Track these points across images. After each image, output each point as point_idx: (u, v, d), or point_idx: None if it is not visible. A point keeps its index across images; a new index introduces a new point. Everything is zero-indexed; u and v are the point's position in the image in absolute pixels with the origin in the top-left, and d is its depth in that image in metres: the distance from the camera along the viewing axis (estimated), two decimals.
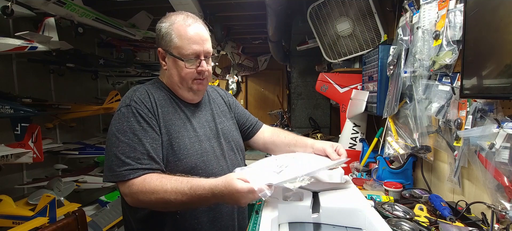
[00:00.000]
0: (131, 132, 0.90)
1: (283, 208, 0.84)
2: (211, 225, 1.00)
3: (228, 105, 1.22)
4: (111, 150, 0.90)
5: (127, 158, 0.88)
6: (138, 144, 0.89)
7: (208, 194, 0.81)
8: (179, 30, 0.96)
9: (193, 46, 0.96)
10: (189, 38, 0.95)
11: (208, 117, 1.09)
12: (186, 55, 0.96)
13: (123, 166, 0.87)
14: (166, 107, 0.99)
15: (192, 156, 0.97)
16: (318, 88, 2.62)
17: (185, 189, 0.83)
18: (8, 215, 2.40)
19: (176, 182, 0.85)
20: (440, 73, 1.28)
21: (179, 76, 0.99)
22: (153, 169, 0.90)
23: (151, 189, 0.85)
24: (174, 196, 0.83)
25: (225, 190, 0.78)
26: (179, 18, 0.98)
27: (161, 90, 1.02)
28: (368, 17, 2.25)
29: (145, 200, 0.85)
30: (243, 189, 0.75)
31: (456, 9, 1.19)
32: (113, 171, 0.88)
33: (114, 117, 0.94)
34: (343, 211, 0.83)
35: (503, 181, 0.93)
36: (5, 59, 2.87)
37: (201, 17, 2.85)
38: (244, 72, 6.39)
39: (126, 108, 0.93)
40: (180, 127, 0.99)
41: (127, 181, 0.87)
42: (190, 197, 0.82)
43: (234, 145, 1.13)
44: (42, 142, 2.57)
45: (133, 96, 0.96)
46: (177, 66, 0.98)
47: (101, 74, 4.18)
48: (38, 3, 2.27)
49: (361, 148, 2.20)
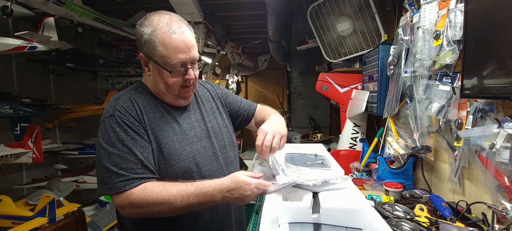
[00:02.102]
0: (119, 142, 0.86)
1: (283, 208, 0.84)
2: (208, 226, 1.00)
3: (217, 99, 1.17)
4: (101, 163, 0.86)
5: (120, 169, 0.84)
6: (129, 154, 0.86)
7: (214, 191, 0.81)
8: (164, 38, 0.88)
9: (179, 56, 0.89)
10: (175, 48, 0.88)
11: (197, 117, 1.05)
12: (172, 66, 0.89)
13: (117, 177, 0.84)
14: (152, 113, 0.94)
15: (184, 160, 0.94)
16: (318, 88, 2.62)
17: (191, 190, 0.82)
18: (8, 215, 2.40)
19: (180, 185, 0.84)
20: (440, 73, 1.28)
21: (165, 84, 0.93)
22: (149, 177, 0.87)
23: (154, 195, 0.83)
24: (180, 198, 0.82)
25: (232, 184, 0.80)
26: (162, 23, 0.89)
27: (145, 95, 0.97)
28: (368, 17, 2.25)
29: (147, 208, 0.83)
30: (252, 182, 0.79)
31: (457, 9, 1.19)
32: (106, 184, 0.85)
33: (100, 128, 0.90)
34: (343, 211, 0.83)
35: (504, 181, 0.93)
36: (4, 59, 2.87)
37: (201, 17, 2.85)
38: (244, 72, 6.39)
39: (110, 118, 0.89)
40: (168, 132, 0.94)
41: (123, 193, 0.84)
42: (197, 197, 0.82)
43: (226, 141, 1.10)
44: (41, 142, 2.57)
45: (116, 106, 0.90)
46: (163, 74, 0.92)
47: (100, 74, 4.18)
48: (38, 3, 2.27)
49: (361, 148, 2.20)
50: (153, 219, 0.94)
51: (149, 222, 0.95)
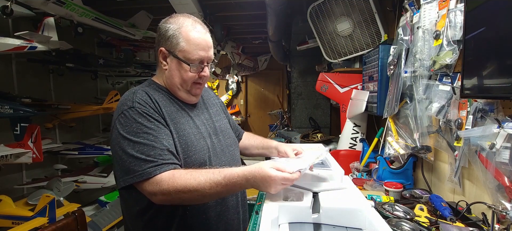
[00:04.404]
0: (143, 132, 0.88)
1: (283, 208, 0.84)
2: (218, 219, 1.02)
3: (220, 106, 1.26)
4: (126, 152, 0.87)
5: (148, 156, 0.86)
6: (155, 142, 0.88)
7: (242, 180, 0.84)
8: (188, 34, 0.97)
9: (200, 53, 0.98)
10: (197, 44, 0.97)
11: (206, 116, 1.11)
12: (192, 60, 0.98)
13: (146, 164, 0.85)
14: (168, 107, 0.99)
15: (200, 151, 0.98)
16: (318, 88, 2.61)
17: (218, 179, 0.84)
18: (8, 215, 2.40)
19: (208, 173, 0.86)
20: (440, 73, 1.28)
21: (181, 79, 1.00)
22: (176, 164, 0.89)
23: (183, 182, 0.84)
24: (208, 186, 0.84)
25: (258, 175, 0.83)
26: (187, 23, 0.99)
27: (159, 92, 1.02)
28: (368, 17, 2.25)
29: (176, 195, 0.84)
30: (278, 176, 0.81)
31: (457, 9, 1.19)
32: (134, 172, 0.85)
33: (117, 121, 0.91)
34: (343, 211, 0.83)
35: (504, 181, 0.93)
36: (4, 59, 2.87)
37: (201, 17, 2.85)
38: (244, 72, 6.39)
39: (130, 110, 0.91)
40: (185, 125, 0.99)
41: (154, 178, 0.84)
42: (225, 186, 0.84)
43: (232, 141, 1.16)
44: (41, 142, 2.57)
45: (134, 98, 0.94)
46: (180, 68, 0.99)
47: (100, 74, 4.18)
48: (38, 3, 2.27)
49: (361, 148, 2.20)
50: (163, 214, 0.96)
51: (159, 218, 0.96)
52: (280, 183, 0.83)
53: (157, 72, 1.07)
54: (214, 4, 3.14)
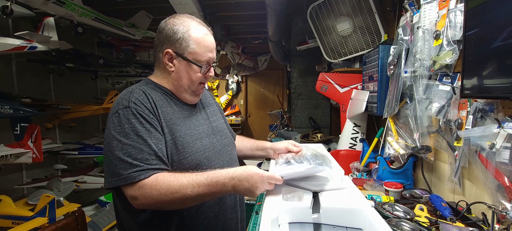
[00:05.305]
0: (134, 134, 0.88)
1: (283, 208, 0.84)
2: (216, 219, 1.02)
3: (216, 106, 1.27)
4: (113, 154, 0.86)
5: (134, 160, 0.85)
6: (144, 145, 0.87)
7: (225, 179, 0.84)
8: (198, 37, 1.00)
9: (208, 54, 1.02)
10: (206, 46, 1.01)
11: (203, 116, 1.12)
12: (201, 62, 1.01)
13: (131, 168, 0.84)
14: (165, 107, 0.98)
15: (196, 153, 0.98)
16: (318, 88, 2.61)
17: (202, 179, 0.84)
18: (8, 215, 2.40)
19: (191, 175, 0.85)
20: (440, 73, 1.28)
21: (190, 80, 1.02)
22: (162, 168, 0.89)
23: (165, 185, 0.83)
24: (191, 188, 0.83)
25: (244, 174, 0.84)
26: (194, 25, 1.01)
27: (156, 91, 1.01)
28: (368, 17, 2.25)
29: (158, 198, 0.83)
30: (264, 173, 0.83)
31: (457, 9, 1.19)
32: (118, 175, 0.85)
33: (111, 120, 0.91)
34: (343, 211, 0.83)
35: (504, 181, 0.93)
36: (4, 59, 2.87)
37: (201, 17, 2.85)
38: (244, 72, 6.39)
39: (125, 110, 0.91)
40: (181, 126, 0.99)
41: (137, 183, 0.84)
42: (208, 186, 0.84)
43: (229, 141, 1.17)
44: (41, 142, 2.57)
45: (131, 98, 0.93)
46: (190, 70, 1.01)
47: (100, 74, 4.19)
48: (38, 3, 2.27)
49: (361, 148, 2.20)
50: (160, 216, 0.95)
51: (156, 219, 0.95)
52: (267, 181, 0.84)
53: (156, 72, 1.06)
54: (214, 4, 3.14)
